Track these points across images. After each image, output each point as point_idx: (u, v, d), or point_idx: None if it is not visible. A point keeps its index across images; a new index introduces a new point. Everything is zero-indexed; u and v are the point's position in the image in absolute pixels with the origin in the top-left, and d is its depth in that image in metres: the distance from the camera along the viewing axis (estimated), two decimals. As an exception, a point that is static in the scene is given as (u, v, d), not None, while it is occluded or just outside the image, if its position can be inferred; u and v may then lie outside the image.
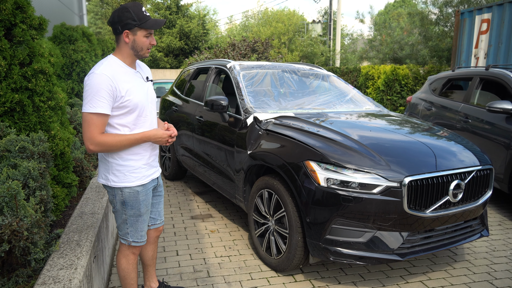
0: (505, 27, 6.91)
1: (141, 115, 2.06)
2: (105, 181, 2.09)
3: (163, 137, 2.10)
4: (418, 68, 9.64)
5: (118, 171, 2.05)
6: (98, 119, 1.90)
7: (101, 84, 1.88)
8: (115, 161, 2.05)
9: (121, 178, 2.06)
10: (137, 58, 2.06)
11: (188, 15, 23.21)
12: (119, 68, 1.99)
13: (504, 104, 4.25)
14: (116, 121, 1.99)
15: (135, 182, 2.08)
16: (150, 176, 2.17)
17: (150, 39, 2.01)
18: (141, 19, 1.94)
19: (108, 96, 1.90)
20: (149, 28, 1.97)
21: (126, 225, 2.15)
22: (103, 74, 1.90)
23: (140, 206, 2.12)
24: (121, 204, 2.11)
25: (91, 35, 6.10)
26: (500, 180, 4.23)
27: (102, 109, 1.89)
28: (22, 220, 1.87)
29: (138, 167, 2.09)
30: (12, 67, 2.52)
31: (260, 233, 3.16)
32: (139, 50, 2.01)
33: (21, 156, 2.31)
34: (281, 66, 4.33)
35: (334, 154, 2.63)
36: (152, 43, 2.03)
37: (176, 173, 5.30)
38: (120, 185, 2.06)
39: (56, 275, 1.89)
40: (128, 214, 2.12)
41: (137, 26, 1.94)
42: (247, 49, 13.19)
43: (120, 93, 1.93)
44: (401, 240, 2.55)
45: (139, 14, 1.95)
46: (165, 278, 2.86)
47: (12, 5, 2.52)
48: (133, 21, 1.93)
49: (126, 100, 1.96)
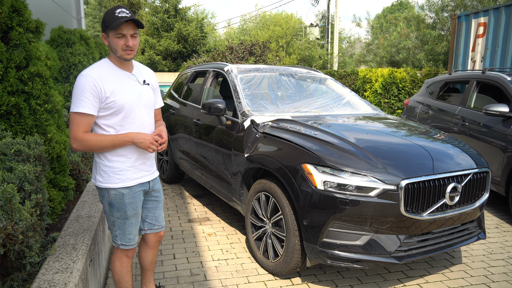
0: (501, 30, 6.94)
1: (127, 116, 2.05)
2: (94, 181, 2.14)
3: (145, 139, 2.03)
4: (416, 71, 9.67)
5: (103, 171, 2.08)
6: (81, 118, 1.94)
7: (85, 85, 1.93)
8: (102, 162, 2.08)
9: (106, 179, 2.07)
10: (121, 59, 2.03)
11: (186, 19, 23.23)
12: (108, 70, 2.02)
13: (500, 107, 4.27)
14: (102, 122, 2.02)
15: (119, 184, 2.08)
16: (137, 180, 2.13)
17: (125, 40, 1.97)
18: (110, 20, 1.95)
19: (91, 97, 1.93)
20: (112, 29, 1.94)
21: (115, 227, 2.16)
22: (88, 75, 1.95)
23: (126, 208, 2.11)
24: (109, 206, 2.12)
25: (88, 38, 6.10)
26: (497, 183, 4.24)
27: (84, 109, 1.93)
28: (17, 224, 1.86)
29: (123, 169, 2.08)
30: (8, 70, 2.52)
31: (257, 236, 3.15)
32: (115, 52, 2.00)
33: (16, 159, 2.30)
34: (278, 69, 4.34)
35: (331, 157, 2.63)
36: (126, 44, 1.98)
37: (174, 176, 5.29)
38: (105, 185, 2.08)
39: (52, 279, 1.88)
40: (115, 216, 2.13)
41: (108, 28, 1.96)
42: (244, 52, 13.21)
43: (105, 94, 1.96)
44: (398, 243, 2.55)
45: (111, 16, 1.96)
46: (162, 282, 2.85)
47: (9, 8, 2.52)
48: (104, 24, 1.98)
49: (112, 101, 1.98)
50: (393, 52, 17.57)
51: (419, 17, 15.61)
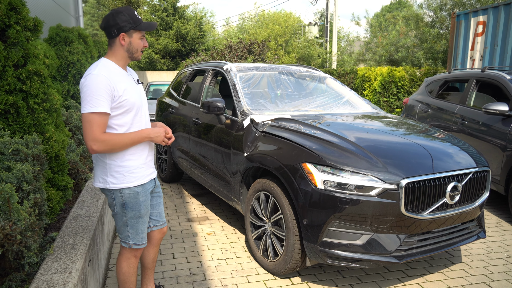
0: (500, 29, 6.94)
1: (137, 114, 2.09)
2: (103, 184, 2.07)
3: (160, 132, 2.12)
4: (415, 70, 9.67)
5: (117, 172, 2.04)
6: (100, 118, 1.91)
7: (100, 84, 1.90)
8: (114, 162, 2.04)
9: (120, 179, 2.04)
10: (130, 60, 2.11)
11: (185, 17, 23.19)
12: (114, 69, 2.02)
13: (500, 106, 4.26)
14: (113, 122, 2.00)
15: (135, 183, 2.07)
16: (149, 176, 2.17)
17: (143, 41, 2.09)
18: (136, 21, 2.00)
19: (107, 95, 1.92)
20: (144, 30, 2.04)
21: (127, 228, 2.13)
22: (101, 74, 1.92)
23: (141, 207, 2.11)
24: (121, 207, 2.09)
25: (87, 36, 6.07)
26: (497, 181, 4.23)
27: (103, 108, 1.90)
28: (16, 224, 1.85)
29: (137, 167, 2.09)
30: (6, 68, 2.50)
31: (257, 236, 3.14)
32: (134, 52, 2.06)
33: (14, 159, 2.28)
34: (278, 68, 4.32)
35: (331, 156, 2.62)
36: (145, 45, 2.09)
37: (173, 175, 5.28)
38: (119, 186, 2.05)
39: (50, 279, 1.86)
40: (128, 216, 2.11)
41: (133, 28, 2.00)
42: (243, 51, 13.18)
43: (118, 93, 1.96)
44: (399, 242, 2.54)
45: (134, 16, 2.01)
46: (161, 282, 2.84)
47: (6, 6, 2.50)
48: (128, 24, 1.98)
49: (124, 99, 1.98)
50: (392, 51, 17.58)
51: (418, 16, 15.62)
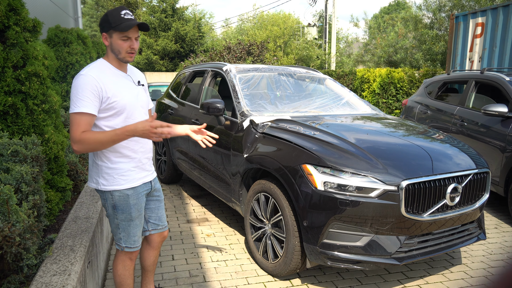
0: (499, 30, 6.96)
1: (129, 117, 2.03)
2: (96, 185, 2.07)
3: (145, 128, 1.84)
4: (413, 71, 9.68)
5: (107, 174, 2.03)
6: (82, 118, 1.87)
7: (86, 85, 1.88)
8: (105, 164, 2.03)
9: (110, 181, 2.03)
10: (121, 61, 2.03)
11: (183, 18, 23.21)
12: (106, 70, 1.99)
13: (499, 107, 4.27)
14: (103, 123, 1.98)
15: (124, 185, 2.05)
16: (141, 180, 2.13)
17: (130, 42, 1.97)
18: (115, 21, 1.93)
19: (92, 96, 1.88)
20: (121, 31, 1.93)
21: (119, 230, 2.12)
22: (89, 74, 1.90)
23: (131, 210, 2.09)
24: (112, 208, 2.08)
25: (86, 37, 6.06)
26: (496, 183, 4.23)
27: (85, 108, 1.87)
28: (14, 226, 1.84)
29: (127, 170, 2.06)
30: (5, 69, 2.49)
31: (256, 237, 3.13)
32: (117, 53, 1.99)
33: (13, 160, 2.27)
34: (277, 69, 4.32)
35: (331, 157, 2.62)
36: (132, 46, 1.98)
37: (172, 177, 5.27)
38: (109, 188, 2.04)
39: (49, 282, 1.85)
40: (119, 218, 2.09)
41: (112, 29, 1.94)
42: (242, 52, 13.19)
43: (106, 94, 1.92)
44: (399, 244, 2.53)
45: (116, 17, 1.94)
46: (161, 283, 2.83)
47: (6, 7, 2.49)
48: (107, 24, 1.95)
49: (113, 101, 1.95)
50: (390, 52, 17.61)
51: (417, 17, 15.65)
